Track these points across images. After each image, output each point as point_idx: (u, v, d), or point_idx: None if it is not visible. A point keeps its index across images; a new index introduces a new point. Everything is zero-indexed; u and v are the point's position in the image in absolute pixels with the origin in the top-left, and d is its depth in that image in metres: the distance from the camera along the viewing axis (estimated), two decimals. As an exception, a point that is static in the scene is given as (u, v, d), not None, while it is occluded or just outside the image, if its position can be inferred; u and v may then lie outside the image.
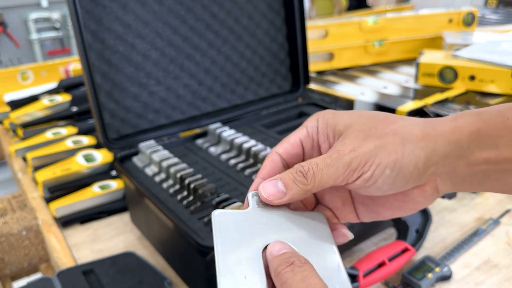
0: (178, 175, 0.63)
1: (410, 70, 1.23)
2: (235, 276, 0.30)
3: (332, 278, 0.32)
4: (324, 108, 0.88)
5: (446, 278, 0.61)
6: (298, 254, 0.31)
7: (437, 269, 0.60)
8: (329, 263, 0.33)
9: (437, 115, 0.84)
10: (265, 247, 0.33)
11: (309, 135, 0.38)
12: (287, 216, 0.36)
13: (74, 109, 1.09)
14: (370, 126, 0.34)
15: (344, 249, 0.65)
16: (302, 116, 0.89)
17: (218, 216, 0.34)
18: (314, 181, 0.34)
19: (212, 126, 0.78)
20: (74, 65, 1.29)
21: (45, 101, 1.09)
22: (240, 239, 0.33)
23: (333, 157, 0.33)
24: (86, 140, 0.98)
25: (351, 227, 0.61)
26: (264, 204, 0.35)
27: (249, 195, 0.36)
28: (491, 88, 0.93)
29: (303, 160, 0.39)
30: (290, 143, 0.39)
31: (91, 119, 1.09)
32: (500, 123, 0.31)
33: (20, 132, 1.05)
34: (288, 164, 0.39)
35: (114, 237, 0.76)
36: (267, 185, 0.35)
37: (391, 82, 1.12)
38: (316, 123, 0.38)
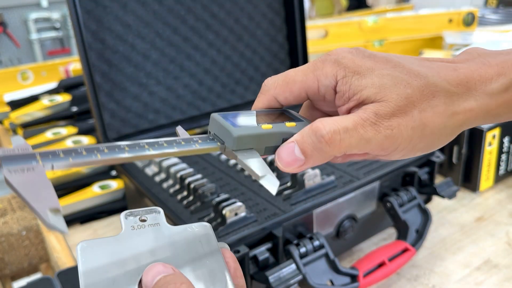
0: (178, 175, 0.63)
1: (410, 70, 1.23)
2: None
3: None
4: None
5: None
6: (176, 275, 0.28)
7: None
8: (217, 274, 0.30)
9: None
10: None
11: (320, 93, 0.33)
12: (167, 232, 0.31)
13: (74, 109, 1.09)
14: (408, 101, 0.29)
15: (344, 249, 0.65)
16: (302, 116, 0.89)
17: (83, 249, 0.29)
18: (339, 148, 0.30)
19: (212, 126, 0.78)
20: (74, 65, 1.29)
21: (45, 101, 1.09)
22: (111, 271, 0.28)
23: (367, 129, 0.29)
24: (86, 140, 0.98)
25: (351, 227, 0.61)
26: (140, 224, 0.31)
27: (122, 216, 0.31)
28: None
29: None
30: (293, 95, 0.33)
31: (91, 119, 1.08)
32: None
33: (20, 132, 1.05)
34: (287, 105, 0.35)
35: (114, 237, 0.76)
36: (283, 152, 0.31)
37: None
38: (332, 83, 0.32)
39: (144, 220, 0.32)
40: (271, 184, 0.30)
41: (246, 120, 0.33)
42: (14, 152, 0.27)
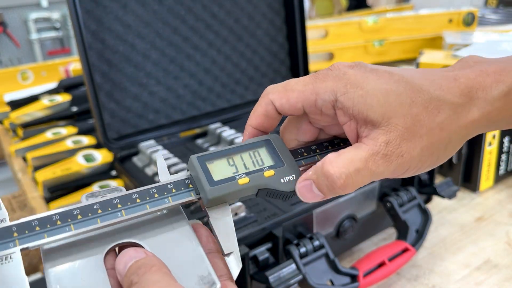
0: (178, 175, 0.63)
1: (410, 70, 1.23)
2: None
3: (195, 264, 0.30)
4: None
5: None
6: (148, 259, 0.28)
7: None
8: (188, 248, 0.31)
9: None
10: (108, 251, 0.30)
11: (317, 106, 0.32)
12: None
13: (74, 109, 1.09)
14: (415, 120, 0.29)
15: (344, 249, 0.65)
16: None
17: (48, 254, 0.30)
18: (352, 188, 0.30)
19: (212, 126, 0.78)
20: (74, 65, 1.29)
21: (45, 101, 1.09)
22: (76, 254, 0.29)
23: (379, 163, 0.29)
24: (86, 140, 0.98)
25: (351, 227, 0.61)
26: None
27: (83, 198, 0.31)
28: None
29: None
30: (289, 103, 0.32)
31: (91, 119, 1.08)
32: None
33: (20, 132, 1.05)
34: (282, 114, 0.34)
35: (114, 237, 0.76)
36: (304, 191, 0.31)
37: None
38: (332, 98, 0.31)
39: None
40: (233, 265, 0.31)
41: (224, 169, 0.32)
42: None
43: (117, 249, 0.31)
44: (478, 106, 0.30)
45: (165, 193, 0.32)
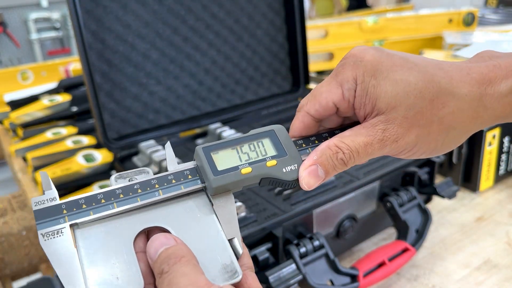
0: (178, 175, 0.63)
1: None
2: (107, 282, 0.29)
3: (218, 252, 0.31)
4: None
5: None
6: (178, 247, 0.30)
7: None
8: (213, 236, 0.32)
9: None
10: (137, 236, 0.32)
11: (345, 98, 0.33)
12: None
13: (74, 109, 1.09)
14: (417, 111, 0.31)
15: (344, 249, 0.65)
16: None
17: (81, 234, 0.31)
18: (352, 165, 0.33)
19: (212, 126, 0.78)
20: (74, 65, 1.29)
21: (45, 101, 1.09)
22: (107, 241, 0.31)
23: (375, 146, 0.32)
24: (86, 140, 0.98)
25: (351, 227, 0.61)
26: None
27: (112, 179, 0.34)
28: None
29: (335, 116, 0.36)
30: (322, 106, 0.34)
31: (91, 119, 1.08)
32: None
33: (20, 132, 1.05)
34: (319, 120, 0.36)
35: (114, 237, 0.76)
36: (310, 178, 0.33)
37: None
38: (353, 86, 0.33)
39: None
40: (234, 250, 0.32)
41: (227, 161, 0.34)
42: (45, 204, 0.31)
43: (146, 232, 0.33)
44: (485, 104, 0.31)
45: (182, 179, 0.34)
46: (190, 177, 0.34)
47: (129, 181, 0.33)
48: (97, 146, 0.96)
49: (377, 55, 0.32)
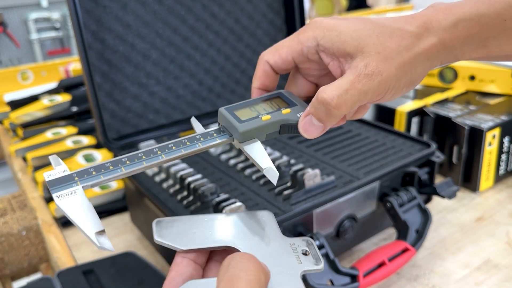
0: (178, 175, 0.63)
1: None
2: None
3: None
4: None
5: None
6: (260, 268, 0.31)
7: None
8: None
9: (437, 116, 0.84)
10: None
11: (304, 54, 0.39)
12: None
13: (74, 109, 1.09)
14: (384, 47, 0.35)
15: (344, 249, 0.65)
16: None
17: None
18: (346, 108, 0.35)
19: (212, 126, 0.78)
20: (74, 65, 1.29)
21: (45, 101, 1.09)
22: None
23: (362, 81, 0.35)
24: (86, 140, 0.98)
25: (351, 227, 0.61)
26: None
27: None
28: (491, 88, 0.93)
29: (294, 69, 0.42)
30: (281, 58, 0.40)
31: (91, 119, 1.09)
32: (496, 26, 0.35)
33: (20, 132, 1.05)
34: (279, 72, 0.42)
35: (114, 237, 0.76)
36: (305, 125, 0.37)
37: (391, 82, 1.11)
38: (314, 43, 0.38)
39: None
40: (272, 176, 0.37)
41: (248, 113, 0.39)
42: (57, 175, 0.34)
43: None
44: (434, 34, 0.36)
45: (208, 137, 0.39)
46: (215, 135, 0.39)
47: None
48: (97, 146, 0.96)
49: (333, 19, 0.38)
